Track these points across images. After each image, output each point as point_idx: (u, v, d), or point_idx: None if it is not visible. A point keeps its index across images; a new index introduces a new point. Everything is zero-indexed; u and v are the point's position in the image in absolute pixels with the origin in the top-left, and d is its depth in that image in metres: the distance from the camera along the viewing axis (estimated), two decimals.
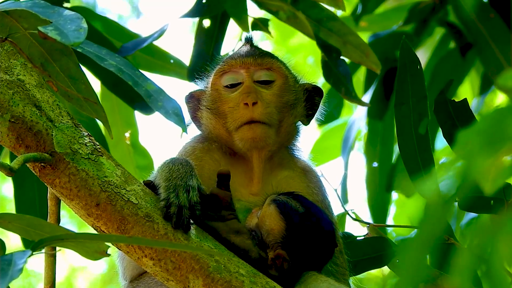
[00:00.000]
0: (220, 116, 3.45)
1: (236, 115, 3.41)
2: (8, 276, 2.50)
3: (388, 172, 5.09)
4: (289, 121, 3.49)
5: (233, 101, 3.44)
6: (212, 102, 3.50)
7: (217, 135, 3.49)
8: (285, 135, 3.50)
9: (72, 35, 2.90)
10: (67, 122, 3.01)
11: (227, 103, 3.46)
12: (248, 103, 3.39)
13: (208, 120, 3.50)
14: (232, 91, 3.47)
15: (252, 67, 3.51)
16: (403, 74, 3.45)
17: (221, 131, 3.46)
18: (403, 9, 5.10)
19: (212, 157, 3.47)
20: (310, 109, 3.57)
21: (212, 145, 3.50)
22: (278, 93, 3.48)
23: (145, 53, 4.51)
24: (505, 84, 1.75)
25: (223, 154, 3.49)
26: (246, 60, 3.52)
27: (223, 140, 3.47)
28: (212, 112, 3.48)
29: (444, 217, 1.81)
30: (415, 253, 1.78)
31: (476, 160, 1.74)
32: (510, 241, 1.83)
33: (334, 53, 4.24)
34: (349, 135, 5.12)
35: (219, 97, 3.49)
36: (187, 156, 3.44)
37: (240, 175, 3.43)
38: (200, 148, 3.49)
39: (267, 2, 4.30)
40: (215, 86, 3.52)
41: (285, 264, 3.12)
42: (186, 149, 3.51)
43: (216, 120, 3.47)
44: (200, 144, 3.51)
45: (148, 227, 2.95)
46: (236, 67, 3.51)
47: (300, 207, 3.19)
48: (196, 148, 3.49)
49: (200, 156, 3.46)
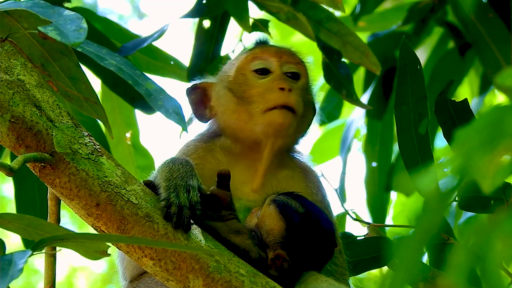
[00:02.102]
0: (245, 100, 3.45)
1: (269, 97, 3.41)
2: (8, 276, 2.50)
3: (387, 172, 5.09)
4: (306, 122, 3.53)
5: (263, 87, 3.44)
6: (238, 85, 3.49)
7: (234, 120, 3.47)
8: (299, 134, 3.53)
9: (72, 35, 2.91)
10: (67, 122, 3.01)
11: (255, 88, 3.46)
12: (284, 88, 3.40)
13: (228, 104, 3.49)
14: (261, 78, 3.48)
15: (284, 57, 3.53)
16: (403, 74, 3.45)
17: (241, 116, 3.45)
18: (402, 9, 5.10)
19: (214, 157, 3.47)
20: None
21: (216, 144, 3.50)
22: (303, 89, 3.51)
23: (145, 54, 4.51)
24: (503, 83, 1.75)
25: (225, 153, 3.48)
26: (279, 50, 3.55)
27: (239, 126, 3.46)
28: (236, 95, 3.48)
29: (441, 213, 1.81)
30: (411, 250, 1.78)
31: (475, 159, 1.74)
32: (508, 240, 1.83)
33: (335, 55, 4.24)
34: (347, 135, 5.12)
35: (245, 81, 3.49)
36: (190, 154, 3.45)
37: (242, 173, 3.43)
38: (203, 147, 3.49)
39: (267, 3, 4.31)
40: (242, 71, 3.52)
41: (285, 264, 3.12)
42: (188, 147, 3.51)
43: (238, 104, 3.46)
44: (204, 143, 3.51)
45: (148, 227, 2.95)
46: (267, 55, 3.53)
47: (300, 207, 3.20)
48: (199, 147, 3.49)
49: (202, 155, 3.46)
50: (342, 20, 4.39)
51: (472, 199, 3.49)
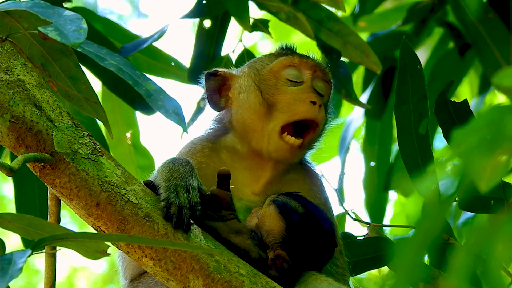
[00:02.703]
0: (271, 103, 3.42)
1: (298, 109, 3.39)
2: (8, 276, 2.50)
3: (386, 172, 5.09)
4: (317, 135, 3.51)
5: (293, 95, 3.42)
6: (268, 86, 3.47)
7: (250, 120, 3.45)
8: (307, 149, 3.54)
9: (72, 35, 2.91)
10: (67, 122, 3.01)
11: (284, 94, 3.43)
12: (316, 102, 3.39)
13: (250, 100, 3.47)
14: (292, 85, 3.46)
15: (317, 72, 3.51)
16: (403, 74, 3.45)
17: (261, 118, 3.42)
18: (402, 9, 5.10)
19: (219, 156, 3.46)
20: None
21: (221, 143, 3.49)
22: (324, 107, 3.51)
23: (146, 55, 4.51)
24: (501, 83, 1.75)
25: (230, 152, 3.48)
26: (315, 64, 3.53)
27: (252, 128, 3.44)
28: (263, 96, 3.45)
29: (442, 215, 1.81)
30: (412, 251, 1.78)
31: (472, 159, 1.74)
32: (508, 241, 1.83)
33: (334, 55, 4.24)
34: (346, 134, 5.12)
35: (276, 84, 3.46)
36: (196, 152, 3.44)
37: (245, 174, 3.42)
38: (209, 147, 3.48)
39: (267, 3, 4.31)
40: (275, 74, 3.50)
41: (285, 264, 3.12)
42: (195, 145, 3.49)
43: (263, 106, 3.43)
44: (210, 143, 3.50)
45: (148, 227, 2.95)
46: (304, 66, 3.51)
47: (300, 208, 3.20)
48: (206, 146, 3.48)
49: (208, 154, 3.46)
50: (343, 20, 4.39)
51: (472, 199, 3.49)
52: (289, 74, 3.48)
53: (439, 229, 1.75)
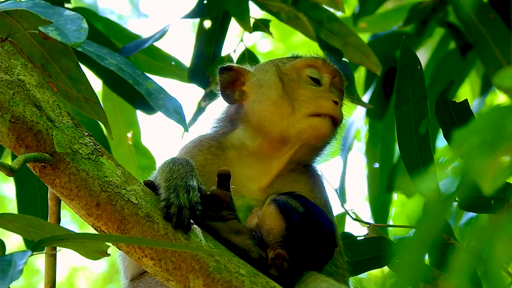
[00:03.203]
0: (291, 96, 3.48)
1: (322, 104, 3.45)
2: (8, 278, 2.50)
3: (389, 173, 5.09)
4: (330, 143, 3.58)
5: (315, 93, 3.49)
6: (289, 80, 3.53)
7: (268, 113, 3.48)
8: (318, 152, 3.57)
9: (73, 35, 2.91)
10: (67, 122, 3.01)
11: (306, 90, 3.49)
12: (338, 102, 3.47)
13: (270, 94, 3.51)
14: (312, 85, 3.53)
15: (336, 79, 3.60)
16: (404, 74, 3.45)
17: (281, 109, 3.46)
18: (403, 9, 5.10)
19: (225, 154, 3.47)
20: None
21: (228, 140, 3.50)
22: None
23: (146, 54, 4.51)
24: (502, 83, 1.75)
25: (237, 149, 3.48)
26: (336, 71, 3.61)
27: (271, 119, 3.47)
28: (284, 88, 3.50)
29: (442, 215, 1.81)
30: (413, 252, 1.78)
31: (474, 159, 1.74)
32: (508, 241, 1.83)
33: (336, 55, 4.24)
34: (347, 135, 5.12)
35: (298, 80, 3.53)
36: (202, 150, 3.46)
37: (252, 170, 3.43)
38: (216, 145, 3.49)
39: (268, 3, 4.31)
40: (298, 70, 3.57)
41: (285, 264, 3.12)
42: (201, 142, 3.50)
43: (283, 98, 3.48)
44: (216, 142, 3.50)
45: (148, 227, 2.95)
46: (325, 70, 3.59)
47: (300, 207, 3.20)
48: (213, 144, 3.49)
49: (215, 152, 3.47)
50: (343, 20, 4.39)
51: (472, 199, 3.49)
52: (311, 73, 3.56)
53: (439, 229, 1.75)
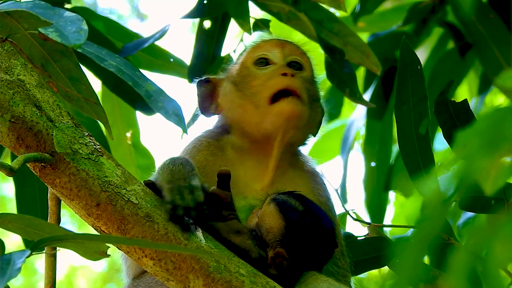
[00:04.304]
0: (249, 92, 3.44)
1: (270, 83, 3.39)
2: (6, 276, 2.50)
3: (386, 172, 5.09)
4: (314, 116, 3.51)
5: (266, 76, 3.43)
6: (241, 78, 3.49)
7: (240, 115, 3.46)
8: (308, 129, 3.50)
9: (73, 36, 2.91)
10: (67, 122, 3.01)
11: (257, 79, 3.44)
12: (287, 73, 3.39)
13: (233, 99, 3.48)
14: (263, 69, 3.48)
15: (286, 48, 3.53)
16: (404, 74, 3.45)
17: (247, 109, 3.43)
18: (402, 9, 5.10)
19: (225, 154, 3.46)
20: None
21: (226, 141, 3.49)
22: (308, 80, 3.50)
23: (145, 52, 4.51)
24: (504, 85, 1.75)
25: (235, 149, 3.47)
26: (282, 41, 3.55)
27: (246, 120, 3.44)
28: (239, 89, 3.47)
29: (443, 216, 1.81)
30: (413, 252, 1.78)
31: (476, 161, 1.74)
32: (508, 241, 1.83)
33: (337, 54, 4.23)
34: (348, 135, 5.12)
35: (249, 73, 3.49)
36: (201, 149, 3.45)
37: (252, 170, 3.42)
38: (215, 144, 3.48)
39: (268, 3, 4.30)
40: (245, 64, 3.52)
41: (284, 263, 3.12)
42: (201, 141, 3.50)
43: (243, 98, 3.45)
44: (215, 140, 3.50)
45: (148, 227, 2.95)
46: (269, 46, 3.54)
47: (300, 206, 3.20)
48: (212, 143, 3.49)
49: (214, 151, 3.46)
50: (342, 20, 4.39)
51: (472, 199, 3.49)
52: (259, 61, 3.50)
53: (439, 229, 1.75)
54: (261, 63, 3.50)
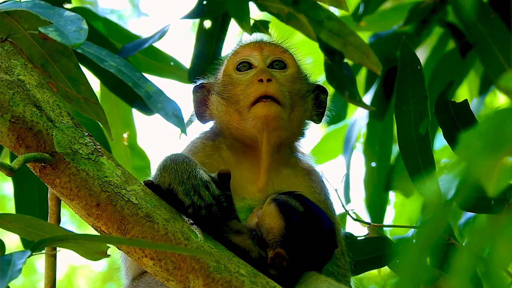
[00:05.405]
0: (232, 99, 3.44)
1: (249, 91, 3.39)
2: (7, 277, 2.50)
3: (387, 172, 5.09)
4: (300, 113, 3.49)
5: (246, 82, 3.44)
6: (224, 86, 3.49)
7: (227, 122, 3.47)
8: (294, 127, 3.48)
9: (72, 36, 2.91)
10: (67, 122, 3.01)
11: (239, 85, 3.45)
12: (263, 79, 3.38)
13: (219, 106, 3.49)
14: (245, 75, 3.48)
15: (265, 49, 3.52)
16: (404, 74, 3.45)
17: (232, 116, 3.44)
18: (403, 9, 5.10)
19: (221, 155, 3.46)
20: (318, 107, 3.58)
21: (221, 142, 3.49)
22: (291, 79, 3.49)
23: (146, 55, 4.51)
24: (506, 86, 1.75)
25: (231, 151, 3.47)
26: (260, 43, 3.54)
27: (233, 126, 3.45)
28: (223, 97, 3.47)
29: (445, 217, 1.81)
30: (415, 253, 1.78)
31: (479, 162, 1.74)
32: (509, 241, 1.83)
33: (337, 56, 4.23)
34: (350, 135, 5.12)
35: (231, 81, 3.49)
36: (197, 152, 3.45)
37: (248, 172, 3.42)
38: (210, 146, 3.49)
39: (268, 4, 4.30)
40: (227, 72, 3.52)
41: (284, 263, 3.12)
42: (195, 144, 3.50)
43: (227, 105, 3.45)
44: (211, 141, 3.50)
45: (148, 227, 2.95)
46: (248, 50, 3.53)
47: (300, 206, 3.20)
48: (207, 145, 3.49)
49: (210, 153, 3.46)
50: (343, 20, 4.38)
51: (473, 200, 3.49)
52: (239, 67, 3.51)
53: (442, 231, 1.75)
54: (244, 67, 3.50)
